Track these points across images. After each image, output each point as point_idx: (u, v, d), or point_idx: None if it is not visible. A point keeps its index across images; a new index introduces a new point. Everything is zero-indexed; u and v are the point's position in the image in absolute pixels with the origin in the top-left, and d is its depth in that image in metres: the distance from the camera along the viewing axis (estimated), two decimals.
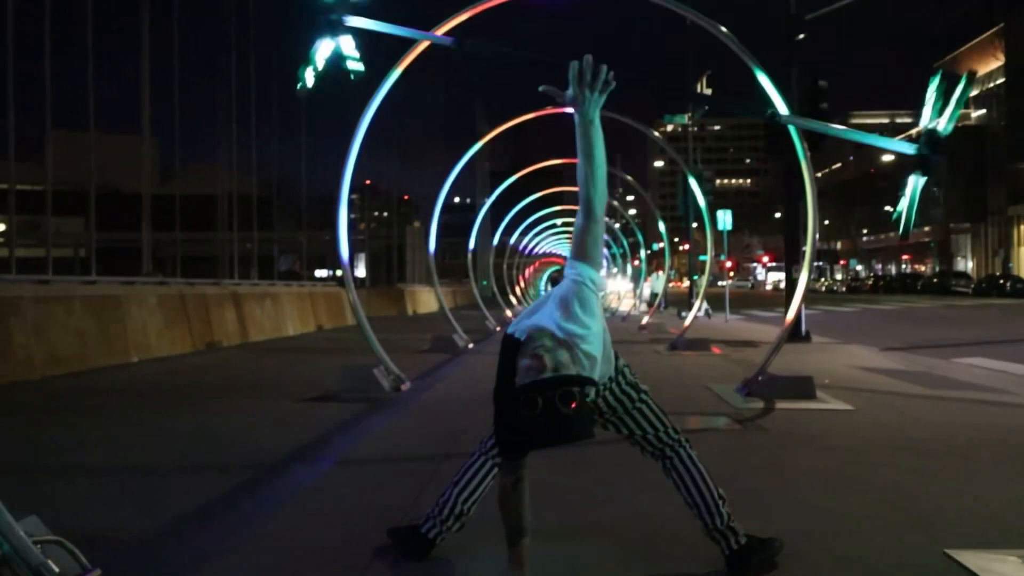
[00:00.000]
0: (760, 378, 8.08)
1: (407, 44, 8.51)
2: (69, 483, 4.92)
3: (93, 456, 5.72)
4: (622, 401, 3.23)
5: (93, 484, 4.86)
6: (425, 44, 8.27)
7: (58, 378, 9.95)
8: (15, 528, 2.53)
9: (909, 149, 6.05)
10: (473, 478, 3.38)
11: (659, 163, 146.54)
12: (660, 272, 32.80)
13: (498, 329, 18.96)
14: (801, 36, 15.31)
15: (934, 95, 6.24)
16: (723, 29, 8.31)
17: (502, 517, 2.99)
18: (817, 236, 8.65)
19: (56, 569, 2.56)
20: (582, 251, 2.90)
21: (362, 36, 6.46)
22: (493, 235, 32.14)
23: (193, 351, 13.88)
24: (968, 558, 3.33)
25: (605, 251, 42.14)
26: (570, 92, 2.88)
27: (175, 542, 3.73)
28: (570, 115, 2.98)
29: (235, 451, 5.83)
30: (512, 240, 36.70)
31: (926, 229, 76.03)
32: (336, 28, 6.14)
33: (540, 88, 3.08)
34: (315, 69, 6.73)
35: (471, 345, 14.56)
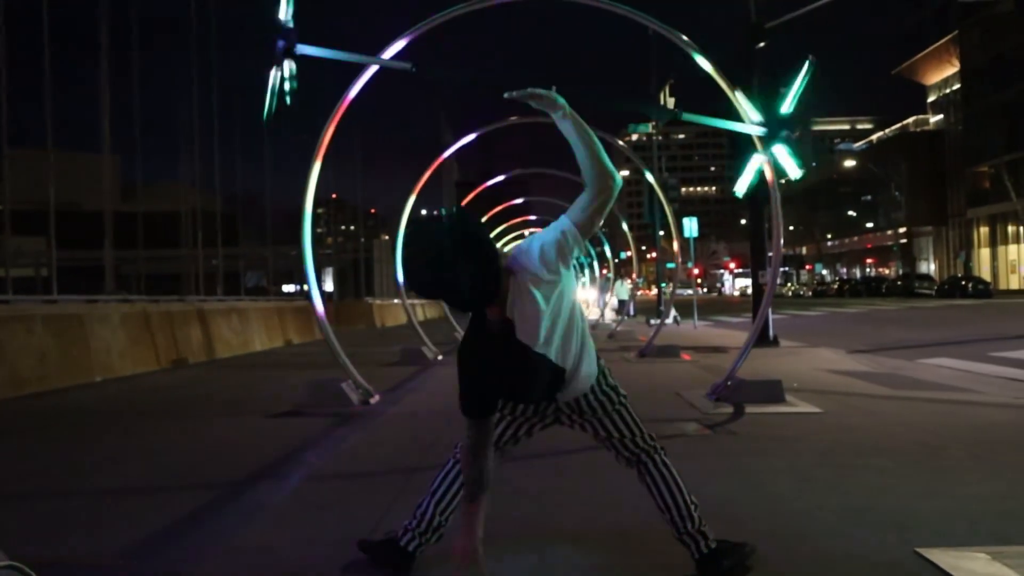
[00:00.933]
0: (729, 383, 8.10)
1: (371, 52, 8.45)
2: (29, 507, 4.80)
3: (54, 479, 5.60)
4: (603, 403, 3.22)
5: (55, 507, 4.75)
6: (374, 68, 8.23)
7: (19, 399, 9.75)
8: None
9: (756, 130, 7.00)
10: (450, 488, 3.34)
11: (625, 172, 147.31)
12: (626, 280, 32.93)
13: None
14: (762, 44, 15.47)
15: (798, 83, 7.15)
16: (684, 38, 8.37)
17: (462, 470, 2.96)
18: (782, 241, 8.71)
19: None
20: (572, 210, 2.98)
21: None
22: None
23: (159, 369, 13.68)
24: (938, 556, 3.34)
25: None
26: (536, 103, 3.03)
27: (139, 563, 3.65)
28: (535, 124, 3.07)
29: (203, 469, 5.74)
30: None
31: (888, 233, 77.13)
32: (287, 56, 6.04)
33: (505, 95, 3.12)
34: (273, 99, 6.71)
35: (440, 357, 14.49)
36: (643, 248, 76.12)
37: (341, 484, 5.17)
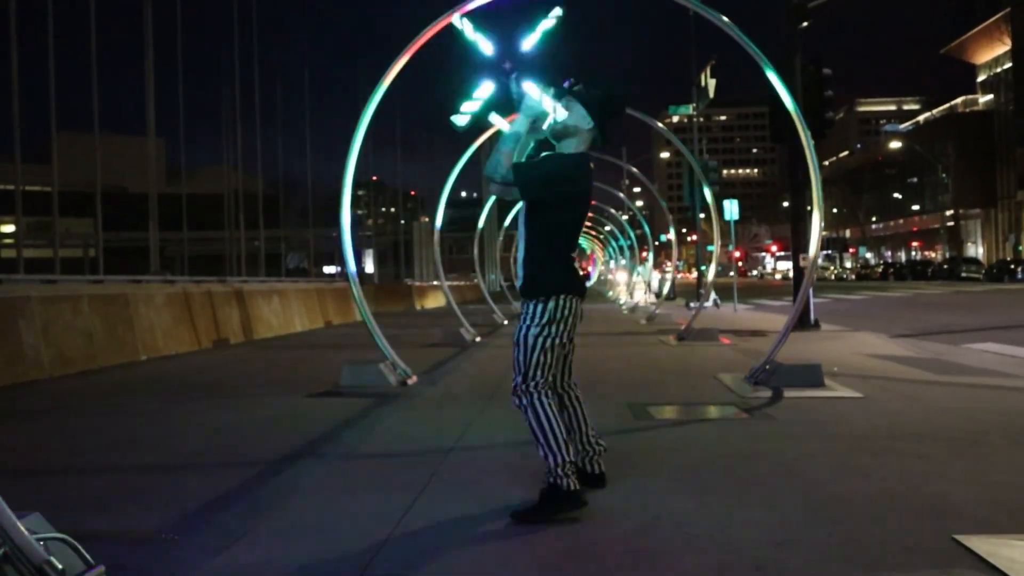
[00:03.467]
0: (768, 367, 8.04)
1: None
2: (75, 481, 4.93)
3: (98, 455, 5.73)
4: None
5: (99, 482, 4.87)
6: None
7: (67, 378, 9.98)
8: (17, 525, 2.53)
9: None
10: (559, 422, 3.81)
11: (665, 154, 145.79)
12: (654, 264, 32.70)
13: (506, 323, 18.95)
14: (805, 24, 15.23)
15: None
16: (725, 19, 8.25)
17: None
18: (823, 223, 8.60)
19: (59, 566, 2.55)
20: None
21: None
22: (500, 228, 32.06)
23: (201, 349, 13.91)
24: (976, 543, 3.30)
25: (612, 243, 42.30)
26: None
27: (182, 537, 3.74)
28: None
29: (241, 447, 5.84)
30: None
31: (935, 215, 75.74)
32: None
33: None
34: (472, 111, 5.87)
35: (479, 339, 14.56)
36: (683, 231, 75.60)
37: (377, 464, 5.23)
